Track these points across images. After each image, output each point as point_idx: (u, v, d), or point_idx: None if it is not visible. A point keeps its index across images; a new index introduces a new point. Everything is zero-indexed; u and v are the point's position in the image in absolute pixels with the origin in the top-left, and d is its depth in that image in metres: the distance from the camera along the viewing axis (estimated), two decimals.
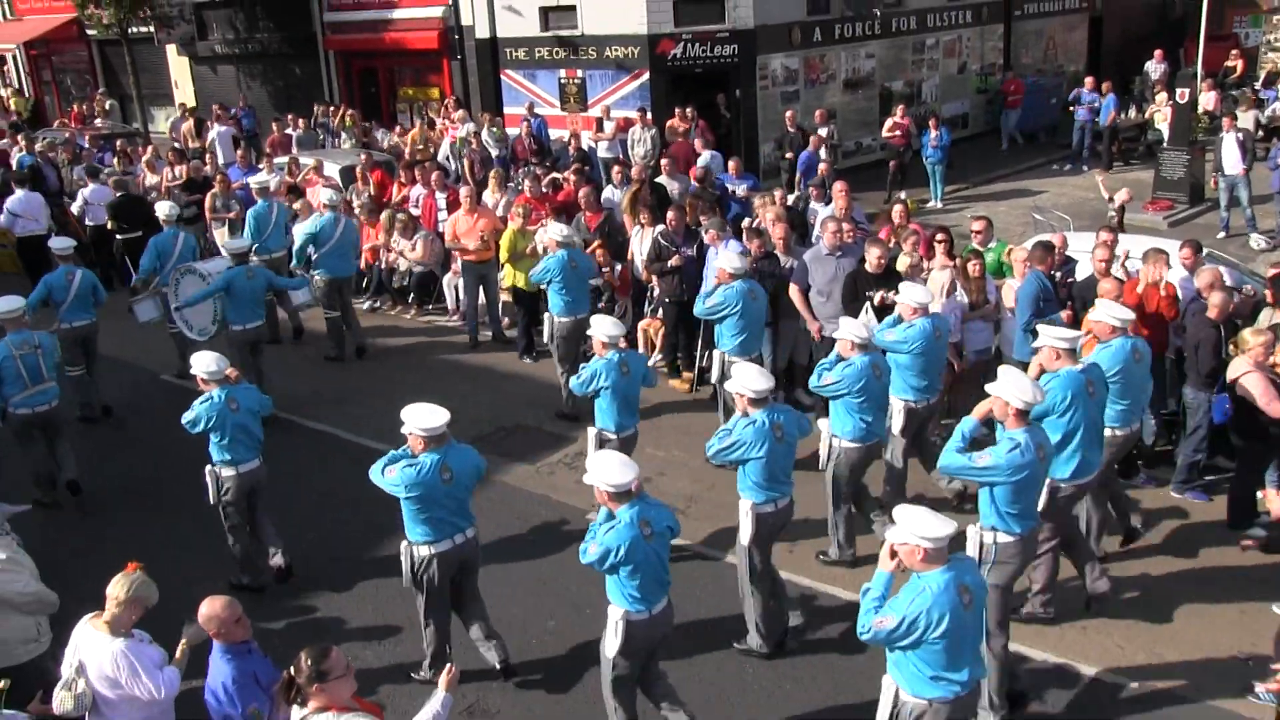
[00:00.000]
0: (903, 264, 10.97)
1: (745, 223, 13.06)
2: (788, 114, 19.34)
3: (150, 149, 20.58)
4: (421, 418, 7.13)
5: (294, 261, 14.10)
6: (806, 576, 8.74)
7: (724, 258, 10.43)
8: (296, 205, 16.33)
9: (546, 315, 11.81)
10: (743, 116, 20.78)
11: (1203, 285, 9.59)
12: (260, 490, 8.87)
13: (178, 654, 6.05)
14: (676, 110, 19.47)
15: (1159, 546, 8.97)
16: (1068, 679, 7.47)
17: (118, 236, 16.45)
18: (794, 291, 11.20)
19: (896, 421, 9.00)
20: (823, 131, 18.74)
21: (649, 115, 19.36)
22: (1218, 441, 9.41)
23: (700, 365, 12.10)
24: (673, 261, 12.10)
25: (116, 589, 5.87)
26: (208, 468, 8.65)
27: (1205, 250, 11.27)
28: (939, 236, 11.19)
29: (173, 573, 7.73)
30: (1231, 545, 8.85)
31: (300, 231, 13.89)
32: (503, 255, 13.45)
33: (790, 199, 15.00)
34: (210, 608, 5.68)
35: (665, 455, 10.95)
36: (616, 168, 16.12)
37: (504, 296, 14.18)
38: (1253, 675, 7.14)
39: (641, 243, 13.48)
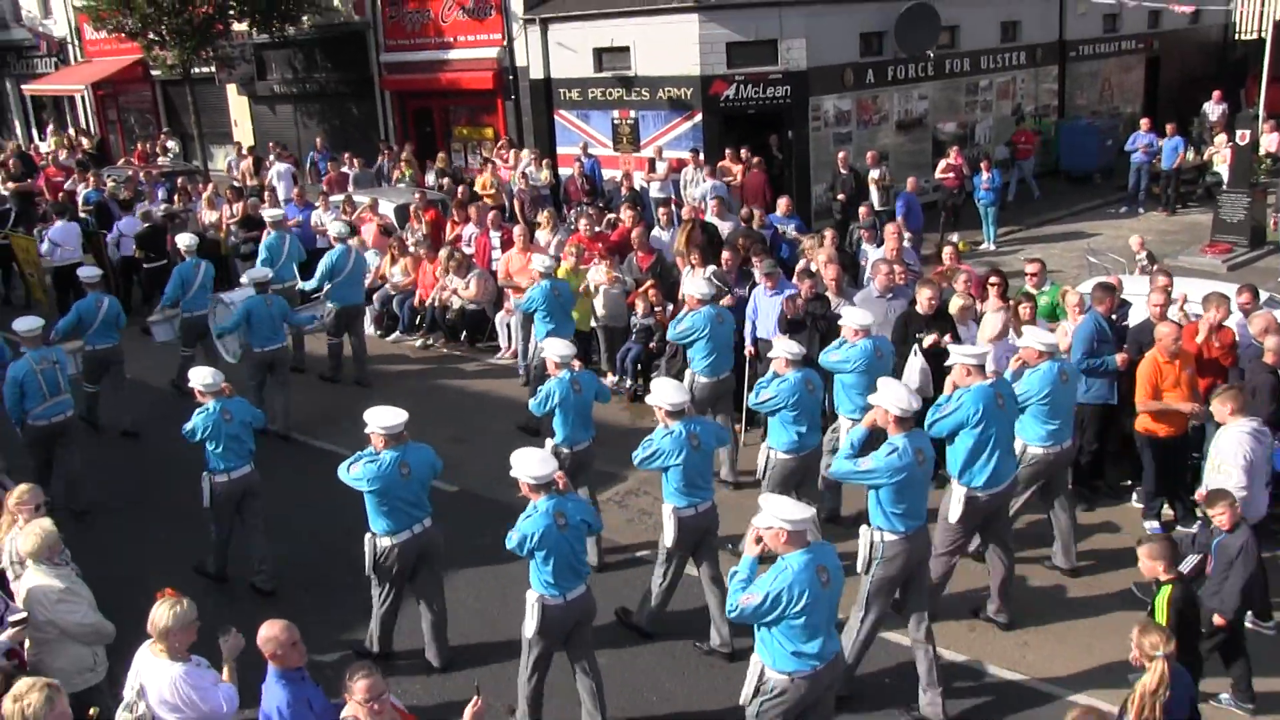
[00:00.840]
0: (954, 306, 10.91)
1: (800, 264, 13.07)
2: (840, 155, 19.35)
3: (210, 186, 20.94)
4: (382, 418, 7.88)
5: (311, 289, 14.84)
6: None
7: (691, 284, 11.02)
8: (352, 242, 16.56)
9: (534, 343, 12.31)
10: (795, 158, 20.79)
11: (1258, 330, 9.44)
12: (253, 495, 9.50)
13: (225, 673, 6.11)
14: (728, 151, 19.55)
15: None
16: (974, 675, 8.03)
17: (144, 265, 17.22)
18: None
19: (843, 438, 9.11)
20: (875, 173, 18.75)
21: (701, 156, 19.43)
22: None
23: (746, 408, 12.05)
24: (725, 302, 12.10)
25: (160, 619, 5.95)
26: (204, 473, 9.30)
27: (1265, 295, 11.11)
28: (992, 279, 11.11)
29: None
30: None
31: (321, 264, 14.53)
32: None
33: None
34: (270, 630, 5.78)
35: (718, 493, 10.88)
36: (663, 209, 16.21)
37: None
38: None
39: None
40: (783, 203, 15.95)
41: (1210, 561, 7.31)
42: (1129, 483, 10.39)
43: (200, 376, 9.43)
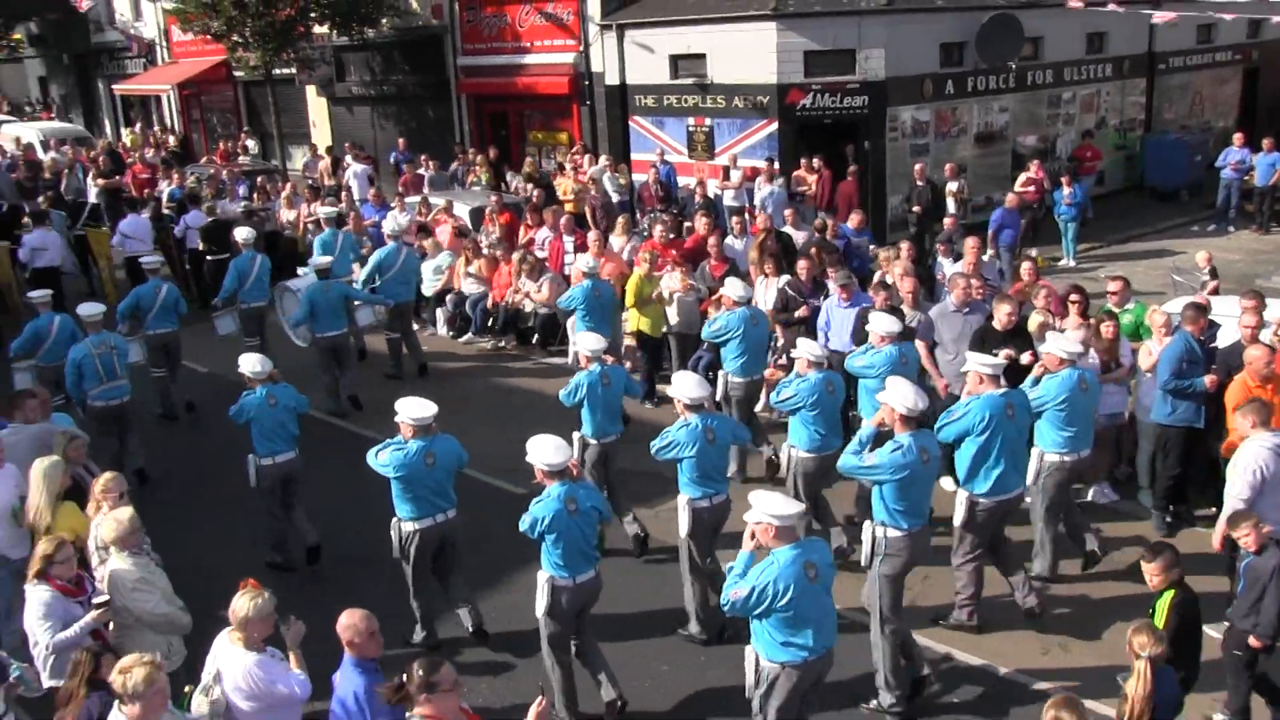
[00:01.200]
0: (1033, 323, 10.70)
1: (875, 276, 12.91)
2: (917, 167, 19.08)
3: (289, 186, 21.22)
4: (411, 409, 8.30)
5: (360, 286, 15.06)
6: None
7: (728, 286, 11.19)
8: (426, 244, 16.70)
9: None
10: (871, 169, 20.56)
11: None
12: (296, 479, 9.95)
13: (292, 661, 6.20)
14: (802, 161, 19.38)
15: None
16: (984, 678, 8.10)
17: (208, 258, 17.83)
18: (920, 347, 10.96)
19: None
20: (953, 186, 18.48)
21: (776, 165, 19.29)
22: None
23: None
24: (800, 313, 11.98)
25: (240, 609, 6.07)
26: (250, 456, 9.76)
27: None
28: (1073, 296, 10.86)
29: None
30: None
31: (370, 261, 15.08)
32: (628, 300, 13.47)
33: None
34: (349, 618, 5.93)
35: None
36: (736, 218, 16.11)
37: (627, 341, 14.19)
38: None
39: (766, 292, 13.39)
40: (855, 217, 15.73)
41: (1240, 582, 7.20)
42: (1213, 509, 10.04)
43: (249, 363, 9.89)
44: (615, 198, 19.68)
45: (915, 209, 18.42)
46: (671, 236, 15.23)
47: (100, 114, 41.41)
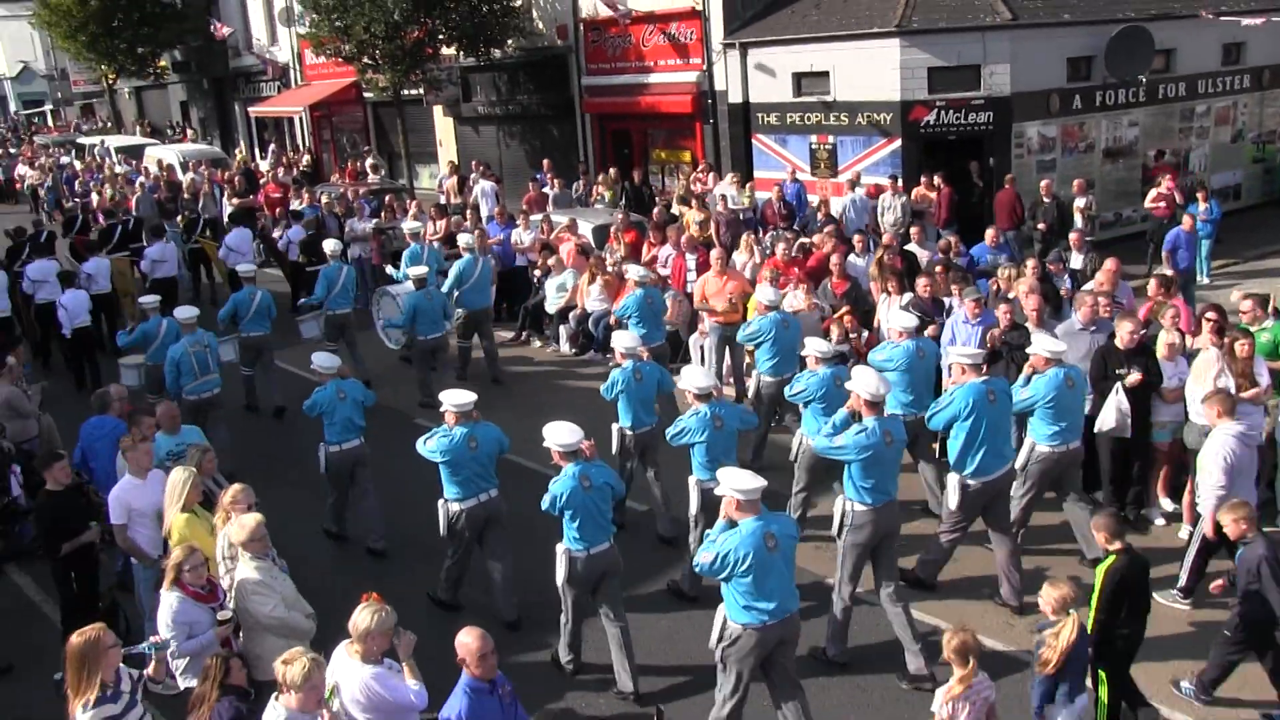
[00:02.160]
0: (1162, 343, 10.47)
1: (995, 291, 12.80)
2: (1043, 183, 18.75)
3: (414, 204, 21.80)
4: (454, 397, 9.25)
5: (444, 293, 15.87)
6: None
7: (760, 291, 11.97)
8: (550, 261, 17.01)
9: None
10: (995, 185, 20.28)
11: None
12: (362, 465, 10.93)
13: (406, 671, 6.34)
14: (923, 178, 19.24)
15: None
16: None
17: (306, 269, 19.08)
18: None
19: None
20: (1080, 202, 18.12)
21: (900, 182, 19.19)
22: None
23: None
24: (929, 332, 11.91)
25: (361, 621, 6.26)
26: (320, 444, 10.86)
27: None
28: (1209, 314, 10.59)
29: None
30: None
31: (451, 272, 16.07)
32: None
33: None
34: (464, 637, 6.08)
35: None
36: (859, 235, 16.05)
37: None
38: None
39: (889, 310, 13.34)
40: (990, 233, 15.48)
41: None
42: None
43: (320, 360, 11.08)
44: (742, 215, 19.73)
45: (1040, 226, 18.12)
46: (793, 255, 15.26)
47: (236, 135, 43.02)
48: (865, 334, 13.62)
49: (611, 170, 23.34)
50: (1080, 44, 20.50)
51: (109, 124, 49.43)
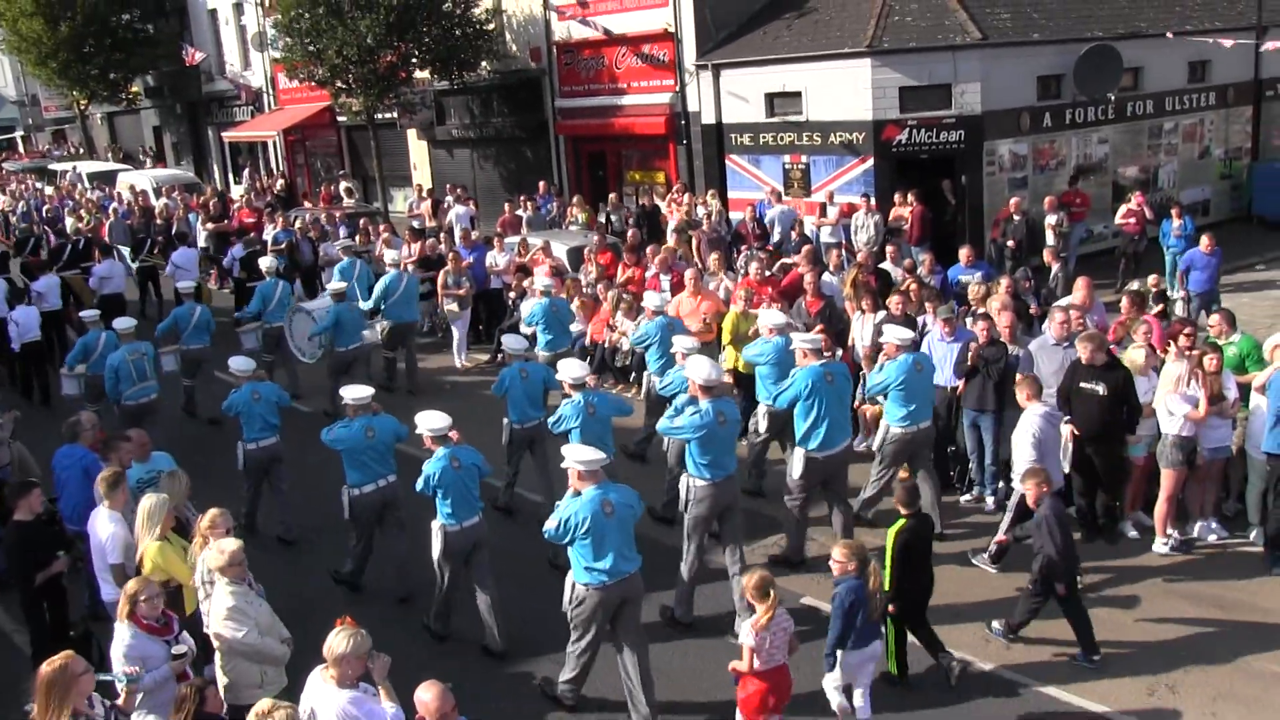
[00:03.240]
0: (1133, 358, 10.54)
1: (969, 308, 12.86)
2: (1013, 201, 18.81)
3: (386, 228, 21.76)
4: (352, 392, 10.18)
5: (369, 307, 16.71)
6: None
7: (765, 316, 11.89)
8: (525, 284, 17.00)
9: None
10: (968, 203, 20.45)
11: None
12: (278, 461, 11.76)
13: (383, 694, 6.26)
14: (897, 196, 19.36)
15: None
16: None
17: (246, 284, 19.80)
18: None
19: (761, 423, 11.48)
20: (1051, 219, 18.23)
21: (873, 201, 19.29)
22: None
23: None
24: None
25: (336, 646, 6.19)
26: (239, 442, 11.63)
27: None
28: (1186, 330, 10.63)
29: None
30: None
31: (378, 286, 16.80)
32: (724, 338, 13.56)
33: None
34: (422, 692, 5.90)
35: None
36: (834, 253, 16.11)
37: (725, 378, 14.24)
38: None
39: (862, 328, 13.39)
40: (964, 253, 15.52)
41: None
42: None
43: (236, 363, 11.99)
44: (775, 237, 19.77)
45: (1009, 243, 18.20)
46: (768, 274, 15.30)
47: (210, 160, 42.89)
48: (839, 352, 13.64)
49: (613, 195, 23.17)
50: (1050, 62, 20.73)
51: (81, 150, 49.15)
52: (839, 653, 7.60)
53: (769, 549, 10.78)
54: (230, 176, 40.50)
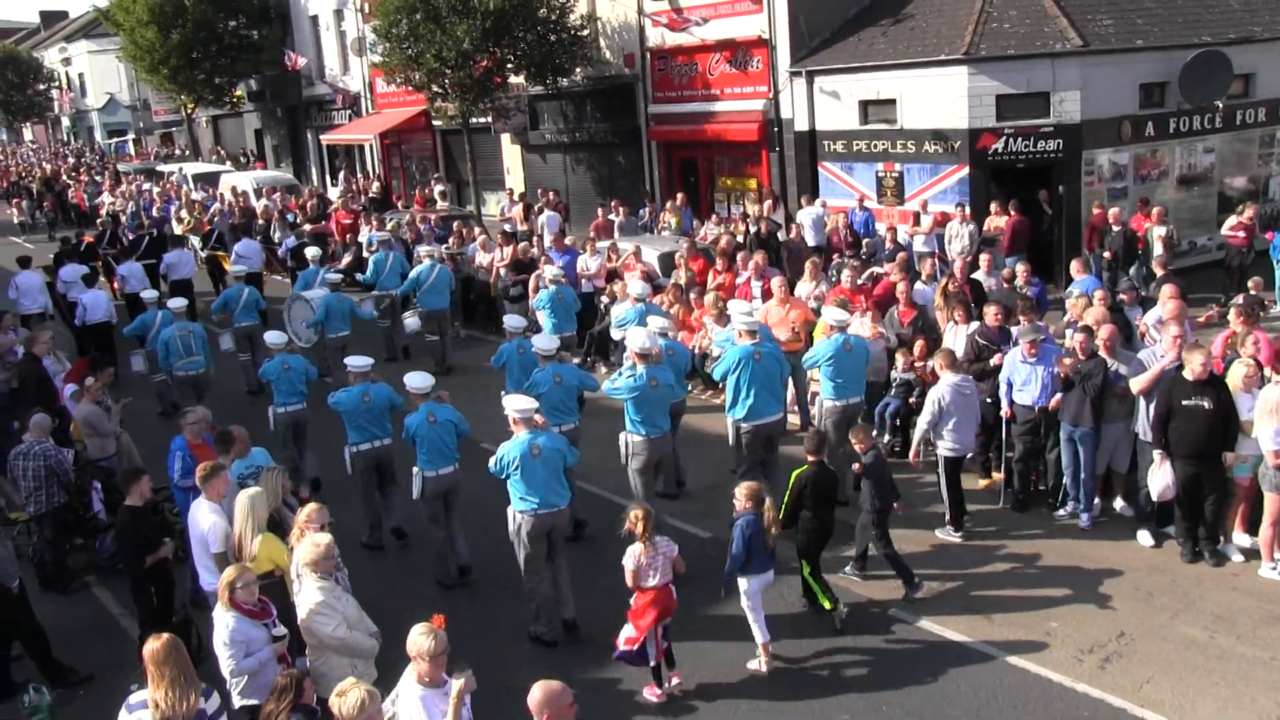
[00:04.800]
0: (1236, 375, 10.24)
1: (1067, 319, 12.64)
2: (1112, 212, 18.40)
3: (480, 230, 22.04)
4: (354, 361, 11.65)
5: (400, 294, 18.79)
6: None
7: (828, 312, 12.24)
8: (616, 288, 17.08)
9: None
10: (1065, 213, 20.09)
11: None
12: (303, 424, 13.17)
13: (451, 708, 6.18)
14: (993, 205, 19.09)
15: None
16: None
17: (296, 272, 21.52)
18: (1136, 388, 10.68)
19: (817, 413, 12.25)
20: (1160, 230, 17.75)
21: (968, 210, 19.06)
22: None
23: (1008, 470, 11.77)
24: (995, 361, 11.81)
25: (423, 644, 6.26)
26: (270, 407, 13.14)
27: None
28: None
29: None
30: None
31: (410, 276, 18.53)
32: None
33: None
34: (542, 691, 5.82)
35: (972, 555, 10.64)
36: (927, 262, 15.94)
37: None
38: None
39: (955, 339, 13.23)
40: (1076, 265, 15.05)
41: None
42: None
43: (270, 337, 13.70)
44: (812, 240, 19.68)
45: (1106, 254, 17.81)
46: (859, 283, 15.19)
47: (308, 162, 43.83)
48: (930, 364, 13.50)
49: (755, 206, 22.56)
50: (1154, 69, 20.26)
51: (187, 152, 50.60)
52: (742, 580, 8.79)
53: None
54: (327, 179, 41.33)
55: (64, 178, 46.74)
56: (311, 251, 20.60)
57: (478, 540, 11.20)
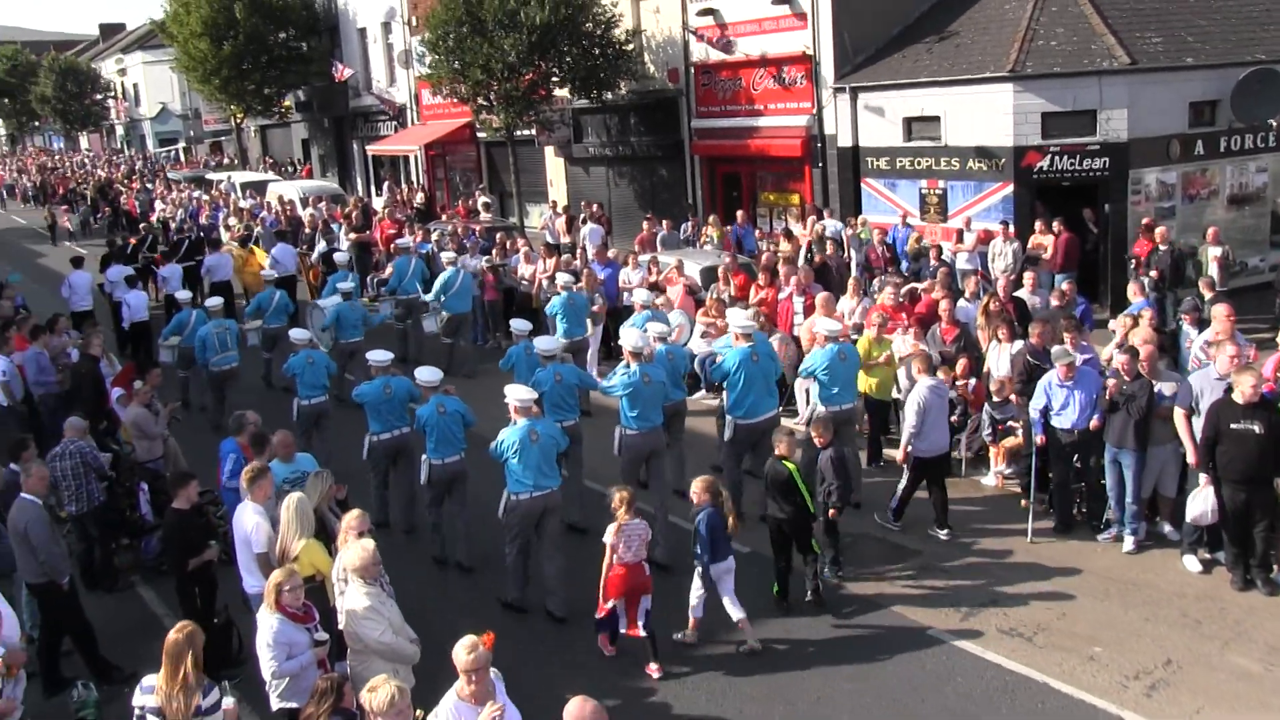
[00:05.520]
0: None
1: (1116, 340, 12.53)
2: (1159, 231, 18.08)
3: (523, 242, 22.16)
4: (375, 355, 12.37)
5: (430, 299, 19.18)
6: None
7: (820, 324, 12.82)
8: (659, 301, 17.08)
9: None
10: (1111, 232, 19.92)
11: None
12: (325, 416, 14.04)
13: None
14: (1038, 224, 18.95)
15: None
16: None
17: (326, 275, 22.29)
18: (1179, 416, 10.53)
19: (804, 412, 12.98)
20: (1215, 251, 17.47)
21: (1011, 228, 18.95)
22: None
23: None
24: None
25: (459, 658, 6.28)
26: (294, 399, 14.03)
27: None
28: None
29: None
30: None
31: (437, 281, 19.16)
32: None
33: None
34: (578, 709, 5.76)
35: (1014, 577, 10.57)
36: (970, 280, 15.85)
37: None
38: None
39: (998, 357, 13.17)
40: (1133, 287, 14.86)
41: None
42: None
43: (294, 334, 14.59)
44: (855, 257, 19.62)
45: (1153, 274, 17.61)
46: (903, 300, 15.14)
47: (353, 172, 44.24)
48: (973, 381, 13.45)
49: (813, 222, 21.70)
50: (1204, 88, 20.08)
51: (235, 161, 51.26)
52: (709, 566, 9.46)
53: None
54: (372, 189, 41.69)
55: (117, 185, 47.43)
56: (340, 257, 22.09)
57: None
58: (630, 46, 27.64)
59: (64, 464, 11.12)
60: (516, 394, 10.42)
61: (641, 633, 9.34)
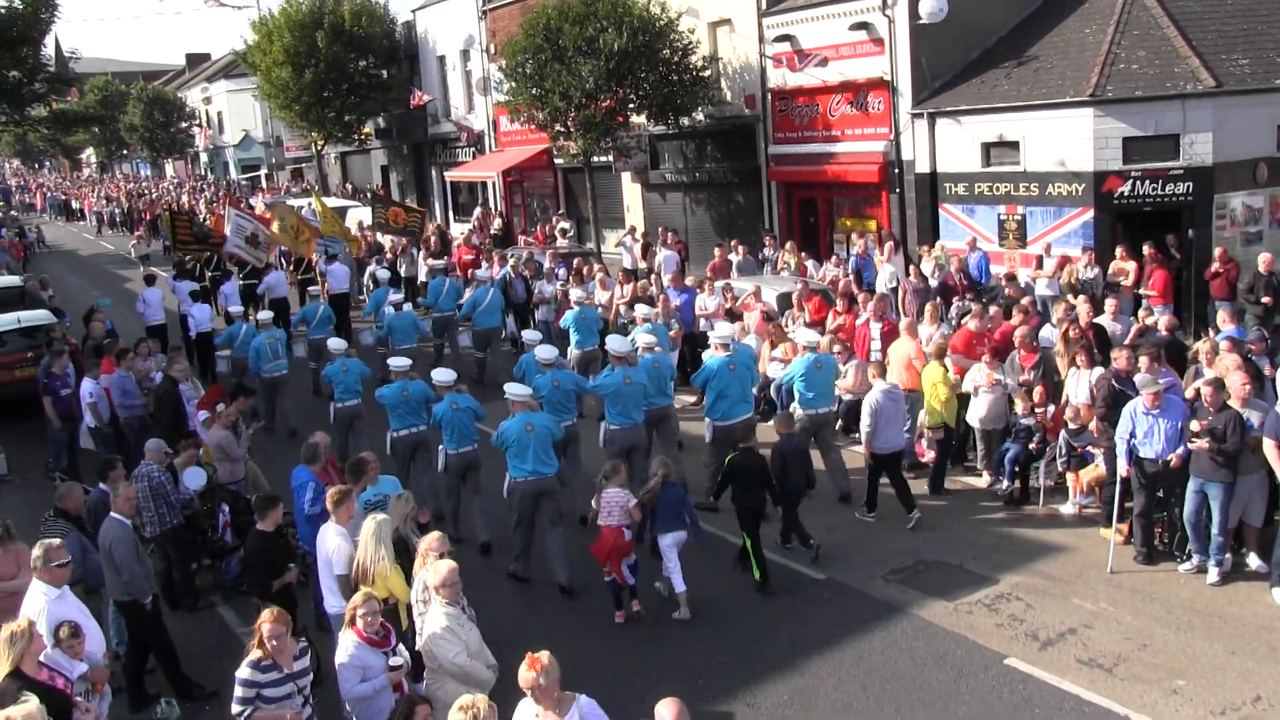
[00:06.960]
0: None
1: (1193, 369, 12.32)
2: (1264, 257, 17.66)
3: (600, 268, 22.31)
4: (395, 362, 13.84)
5: (461, 316, 20.90)
6: None
7: (799, 334, 14.43)
8: (736, 326, 17.07)
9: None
10: (1195, 258, 19.55)
11: None
12: (360, 419, 15.32)
13: None
14: (1119, 250, 18.65)
15: None
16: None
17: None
18: (1269, 446, 10.32)
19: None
20: None
21: (1093, 254, 18.68)
22: None
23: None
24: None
25: (523, 676, 6.38)
26: (330, 403, 15.61)
27: None
28: None
29: None
30: None
31: (468, 299, 20.88)
32: (927, 389, 13.40)
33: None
34: (667, 710, 6.01)
35: (1094, 608, 10.41)
36: (1060, 305, 15.63)
37: (927, 432, 14.03)
38: None
39: (1077, 384, 13.00)
40: (1223, 314, 14.49)
41: None
42: None
43: (332, 344, 16.46)
44: (932, 282, 19.47)
45: (1264, 300, 17.12)
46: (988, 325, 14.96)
47: (432, 198, 44.88)
48: (1051, 408, 13.29)
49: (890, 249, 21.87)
50: None
51: (315, 187, 52.28)
52: (661, 538, 10.79)
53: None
54: (450, 214, 42.25)
55: (201, 211, 48.56)
56: (381, 274, 24.73)
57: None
58: (707, 73, 27.76)
59: (138, 485, 11.29)
60: (515, 390, 11.91)
61: (629, 580, 10.76)
